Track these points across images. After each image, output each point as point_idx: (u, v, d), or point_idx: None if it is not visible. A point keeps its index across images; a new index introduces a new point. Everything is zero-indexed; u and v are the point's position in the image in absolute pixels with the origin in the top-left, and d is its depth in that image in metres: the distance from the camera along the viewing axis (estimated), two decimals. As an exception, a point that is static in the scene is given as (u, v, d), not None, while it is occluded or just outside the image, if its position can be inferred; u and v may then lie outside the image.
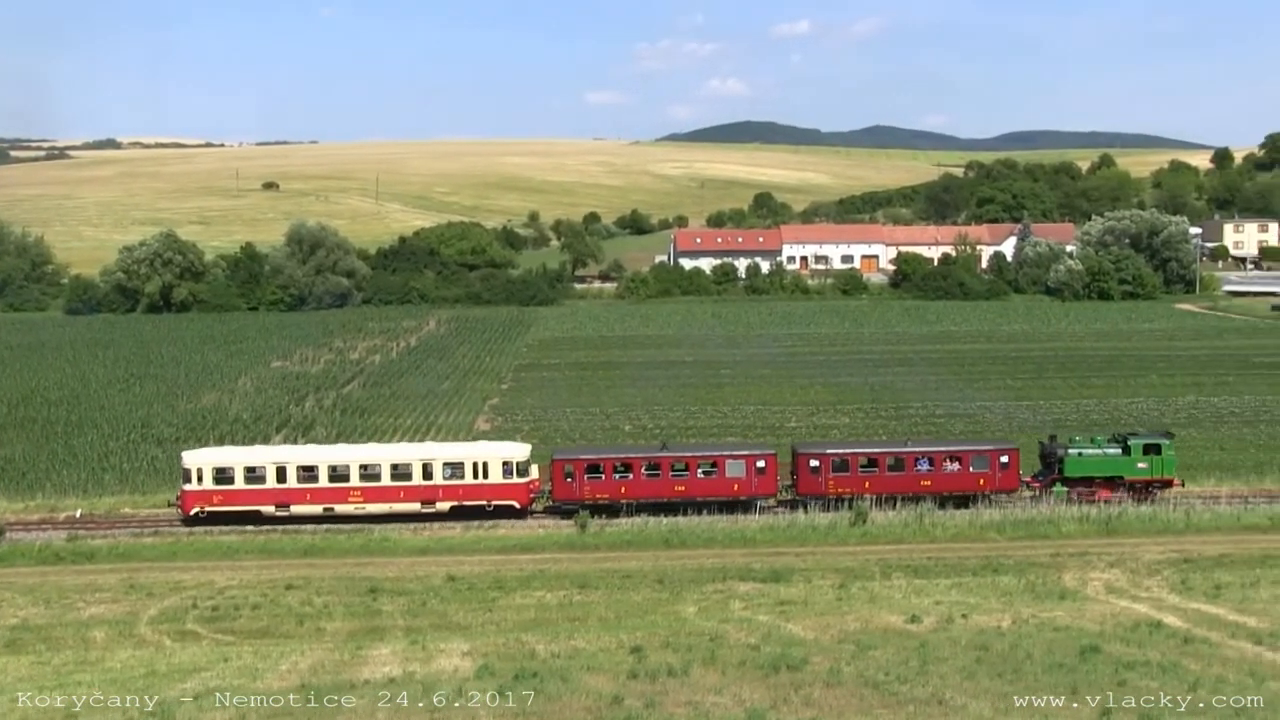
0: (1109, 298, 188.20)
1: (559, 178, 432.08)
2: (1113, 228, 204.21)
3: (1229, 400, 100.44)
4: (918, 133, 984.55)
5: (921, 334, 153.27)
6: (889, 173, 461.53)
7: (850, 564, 55.56)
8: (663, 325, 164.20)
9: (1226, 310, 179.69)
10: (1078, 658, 39.65)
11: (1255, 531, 61.28)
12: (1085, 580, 51.82)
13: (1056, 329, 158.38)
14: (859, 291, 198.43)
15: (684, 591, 50.80)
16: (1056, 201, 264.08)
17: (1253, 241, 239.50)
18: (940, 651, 40.53)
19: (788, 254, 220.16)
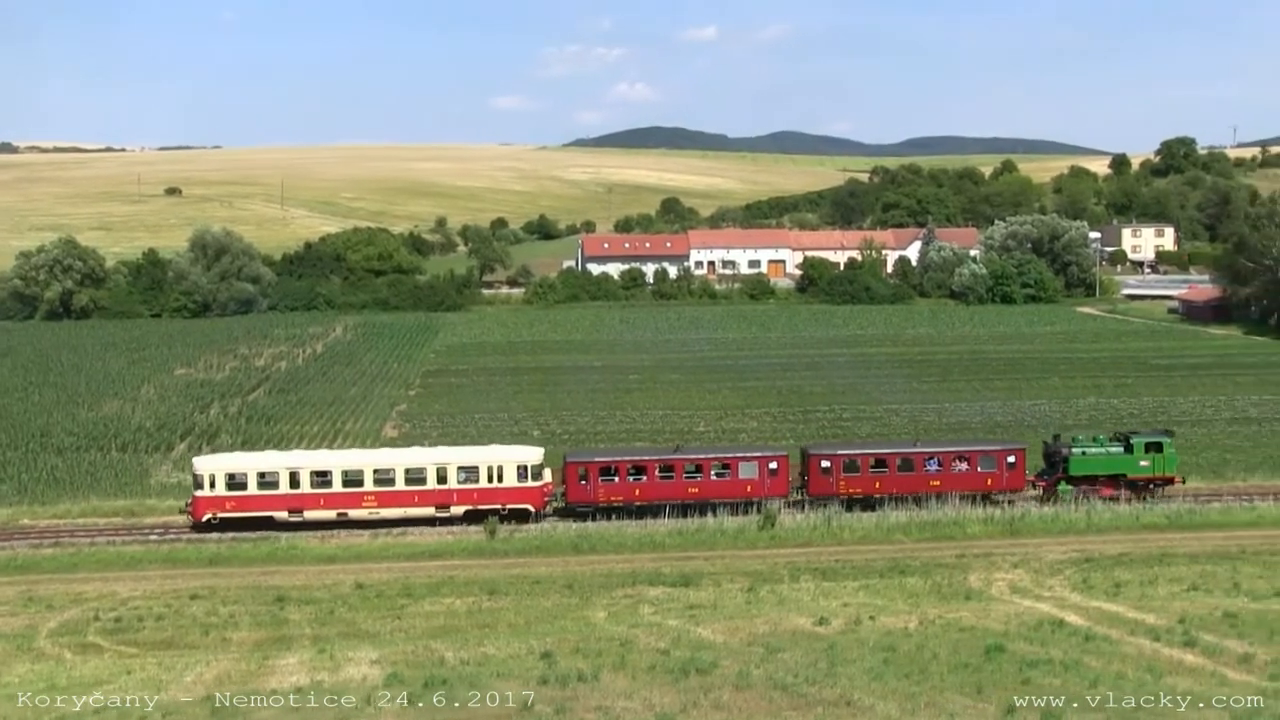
0: (1012, 301, 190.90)
1: (467, 183, 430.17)
2: (1015, 232, 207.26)
3: (1128, 402, 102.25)
4: (823, 138, 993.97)
5: (828, 337, 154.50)
6: (795, 178, 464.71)
7: (759, 567, 55.86)
8: (571, 330, 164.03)
9: (1125, 313, 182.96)
10: (983, 657, 40.20)
11: (1154, 530, 62.47)
12: (990, 580, 52.51)
13: (961, 332, 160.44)
14: (766, 296, 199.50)
15: (594, 597, 50.81)
16: (960, 206, 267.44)
17: (1150, 246, 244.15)
18: (848, 653, 40.90)
19: (695, 259, 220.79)
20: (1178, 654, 40.69)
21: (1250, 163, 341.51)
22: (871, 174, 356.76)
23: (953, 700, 36.15)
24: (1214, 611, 45.95)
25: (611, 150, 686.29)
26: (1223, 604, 47.23)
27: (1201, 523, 63.50)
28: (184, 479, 78.61)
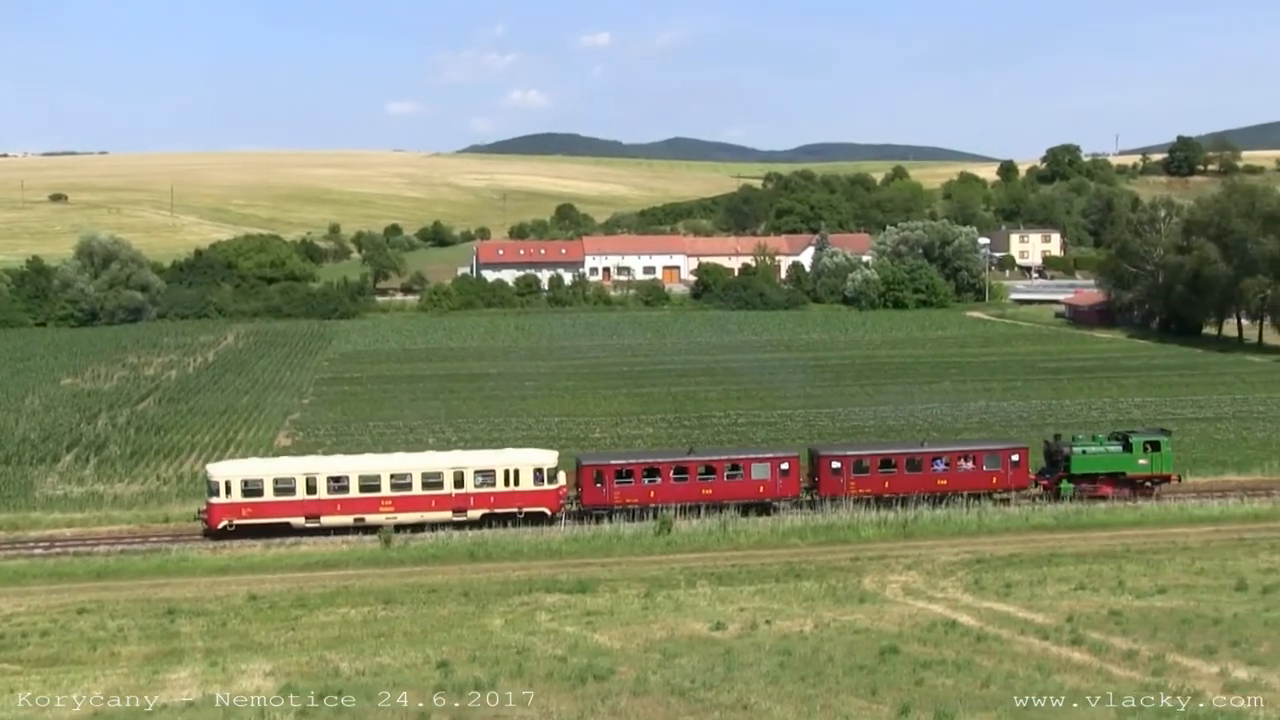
0: (904, 306, 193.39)
1: (359, 189, 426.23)
2: (906, 238, 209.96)
3: (1017, 405, 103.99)
4: (718, 145, 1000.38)
5: (723, 343, 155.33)
6: (690, 184, 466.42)
7: (656, 573, 55.96)
8: (466, 337, 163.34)
9: (1014, 318, 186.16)
10: (877, 659, 40.61)
11: (1043, 531, 63.56)
12: (884, 583, 53.06)
13: (854, 337, 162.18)
14: (661, 302, 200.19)
15: (490, 604, 50.56)
16: (852, 212, 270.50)
17: (1037, 251, 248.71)
18: (745, 657, 41.11)
19: (590, 265, 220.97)
20: (1066, 652, 41.42)
21: (1132, 170, 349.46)
22: (765, 180, 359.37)
23: (848, 702, 36.48)
24: (1100, 610, 46.86)
25: (506, 157, 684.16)
26: (1108, 602, 48.18)
27: (1088, 523, 64.76)
28: (71, 491, 77.15)
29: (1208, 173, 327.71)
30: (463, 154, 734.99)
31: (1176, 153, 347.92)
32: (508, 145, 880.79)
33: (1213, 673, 38.57)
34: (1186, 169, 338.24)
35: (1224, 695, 36.53)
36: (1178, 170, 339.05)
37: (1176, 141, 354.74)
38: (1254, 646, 41.39)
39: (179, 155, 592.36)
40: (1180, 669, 39.10)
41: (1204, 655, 40.44)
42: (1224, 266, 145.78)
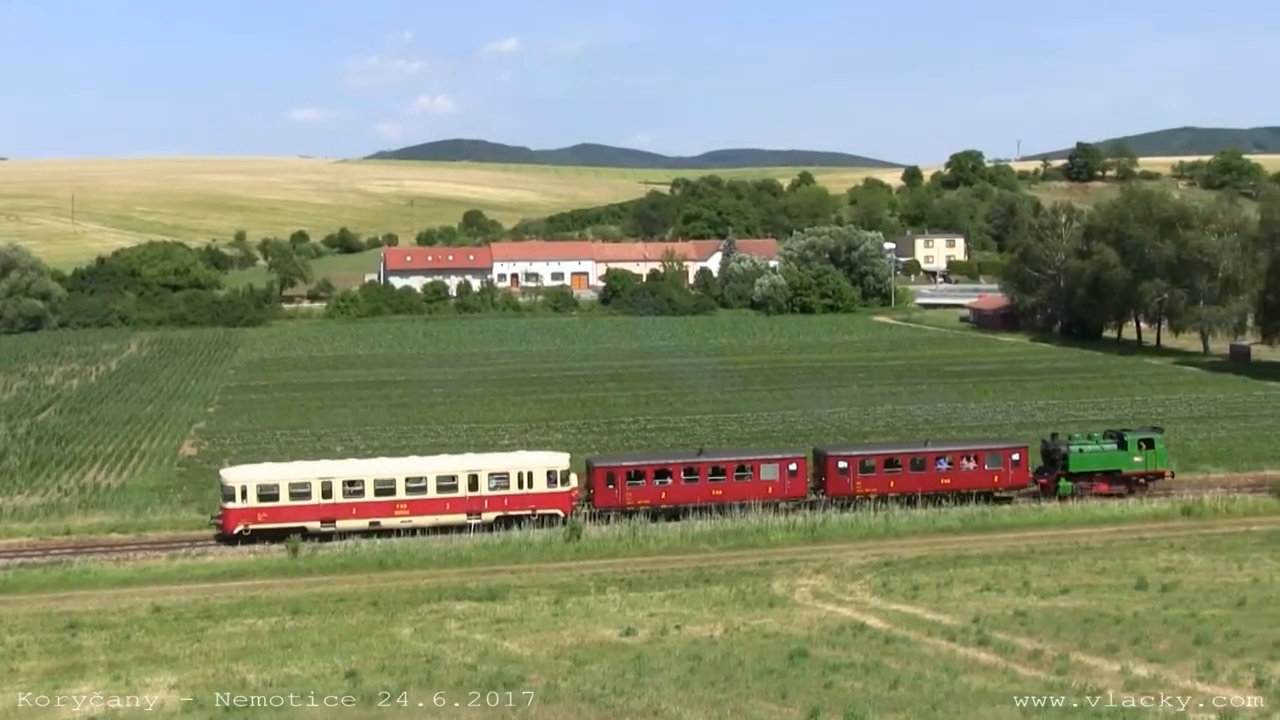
0: (811, 311, 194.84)
1: (265, 196, 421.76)
2: (813, 243, 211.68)
3: (923, 408, 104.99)
4: (625, 151, 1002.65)
5: (631, 349, 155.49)
6: (597, 190, 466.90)
7: (566, 580, 55.82)
8: (374, 345, 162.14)
9: (920, 322, 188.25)
10: (787, 662, 40.87)
11: (949, 533, 64.22)
12: (793, 587, 53.34)
13: (761, 342, 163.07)
14: (569, 308, 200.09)
15: (399, 613, 50.12)
16: (760, 218, 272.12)
17: (941, 256, 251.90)
18: (655, 663, 41.18)
19: (499, 271, 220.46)
20: (972, 653, 41.95)
21: (1034, 175, 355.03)
22: (673, 186, 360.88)
23: (758, 706, 36.67)
24: (1005, 610, 47.51)
25: (413, 163, 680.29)
26: (1014, 603, 48.86)
27: (993, 524, 65.51)
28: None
29: (1106, 178, 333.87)
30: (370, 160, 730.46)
31: (1076, 159, 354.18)
32: (415, 151, 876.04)
33: (1114, 671, 39.28)
34: (1086, 175, 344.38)
35: (1125, 693, 37.24)
36: (1078, 176, 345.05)
37: (1076, 148, 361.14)
38: (1154, 644, 42.23)
39: (80, 162, 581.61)
40: (1083, 667, 39.77)
41: (1106, 653, 41.17)
42: (1123, 271, 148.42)
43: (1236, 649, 41.49)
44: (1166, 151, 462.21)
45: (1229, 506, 67.89)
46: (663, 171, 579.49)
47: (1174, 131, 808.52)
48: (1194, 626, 44.37)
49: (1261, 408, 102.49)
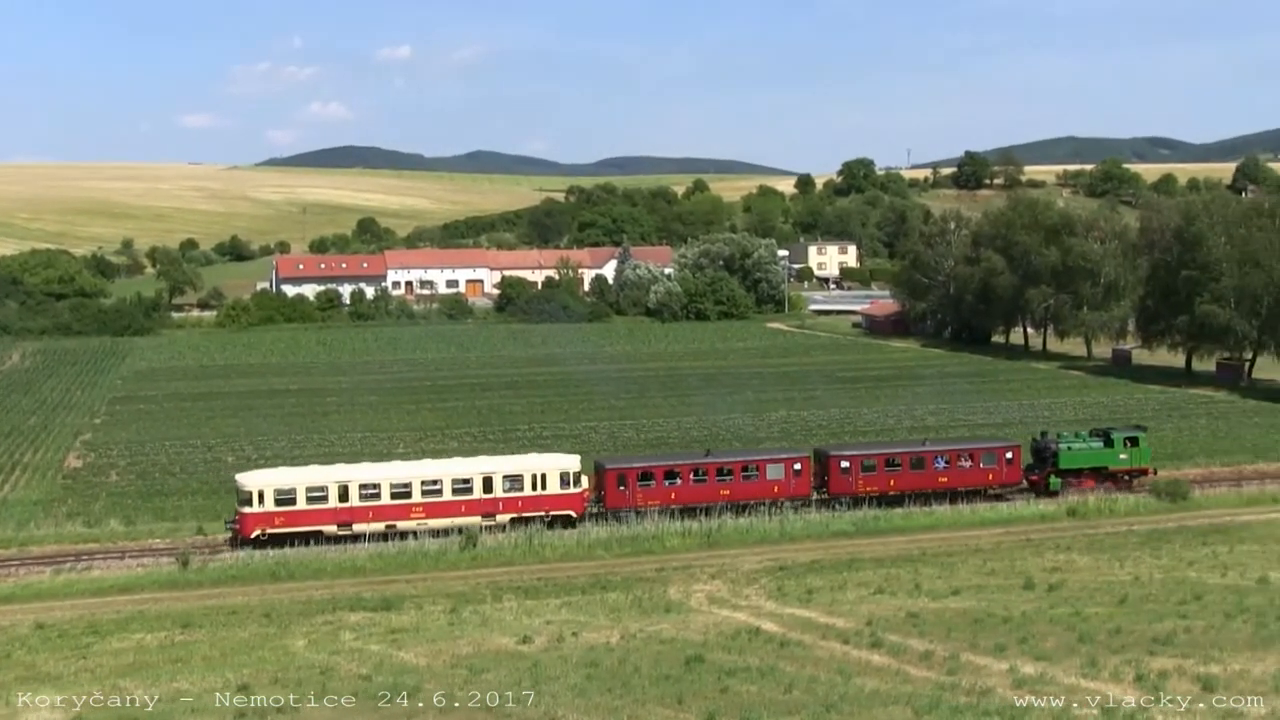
0: (706, 318, 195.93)
1: (153, 203, 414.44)
2: (707, 250, 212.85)
3: (816, 413, 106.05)
4: (520, 158, 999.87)
5: (527, 356, 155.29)
6: (492, 197, 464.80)
7: (462, 588, 55.59)
8: (266, 353, 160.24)
9: (813, 328, 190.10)
10: (683, 668, 41.10)
11: (842, 537, 64.93)
12: (689, 592, 53.60)
13: (657, 349, 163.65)
14: (464, 316, 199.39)
15: (293, 625, 49.56)
16: (654, 225, 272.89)
17: (834, 263, 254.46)
18: (552, 670, 41.19)
19: (393, 279, 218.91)
20: (866, 655, 42.48)
21: (924, 183, 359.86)
22: (568, 193, 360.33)
23: (654, 712, 36.83)
24: (898, 612, 48.17)
25: (305, 170, 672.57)
26: (906, 605, 49.55)
27: (886, 528, 66.36)
28: None
29: (994, 186, 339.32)
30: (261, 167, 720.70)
31: (965, 167, 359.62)
32: (307, 158, 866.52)
33: (1003, 669, 40.02)
34: (974, 183, 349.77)
35: (1013, 691, 37.96)
36: (966, 184, 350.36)
37: (965, 156, 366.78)
38: (1040, 642, 43.10)
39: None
40: (973, 667, 40.46)
41: (995, 653, 41.92)
42: (1010, 277, 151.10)
43: (1118, 645, 42.53)
44: (1051, 160, 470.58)
45: (1111, 507, 69.55)
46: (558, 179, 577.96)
47: (1058, 141, 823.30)
48: (1078, 624, 45.37)
49: (1142, 410, 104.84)
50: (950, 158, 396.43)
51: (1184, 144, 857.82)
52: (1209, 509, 69.71)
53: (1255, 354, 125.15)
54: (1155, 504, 70.29)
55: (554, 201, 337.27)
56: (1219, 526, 65.04)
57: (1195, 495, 71.85)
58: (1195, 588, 51.34)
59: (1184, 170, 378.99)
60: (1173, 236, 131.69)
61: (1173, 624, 45.20)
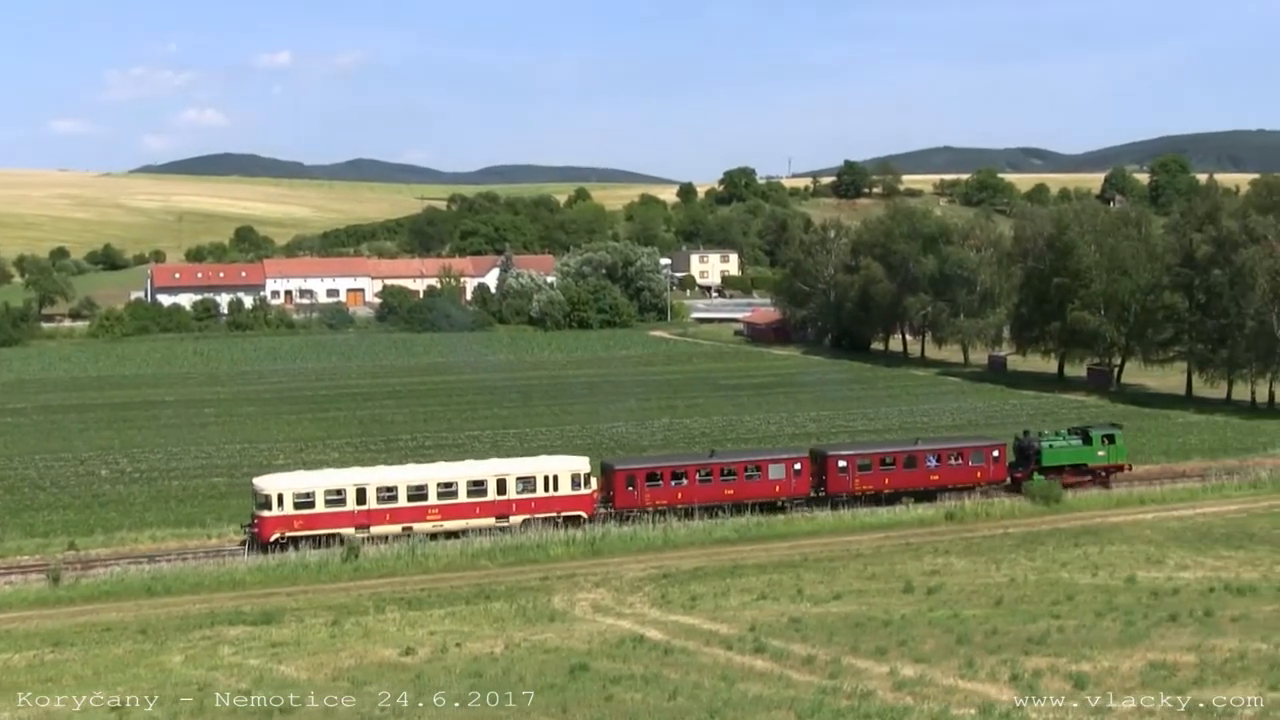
0: (589, 326, 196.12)
1: (21, 210, 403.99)
2: (590, 259, 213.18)
3: (699, 421, 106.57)
4: (401, 166, 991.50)
5: (409, 366, 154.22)
6: (373, 206, 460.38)
7: (343, 600, 54.97)
8: (141, 364, 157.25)
9: (696, 336, 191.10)
10: (568, 676, 41.08)
11: (725, 544, 65.30)
12: (574, 601, 53.56)
13: (540, 358, 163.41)
14: (345, 325, 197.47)
15: (169, 641, 48.58)
16: (537, 234, 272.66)
17: (716, 271, 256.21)
18: (435, 681, 40.93)
19: (272, 288, 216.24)
20: (749, 660, 42.79)
21: (804, 192, 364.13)
22: (450, 202, 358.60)
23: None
24: (780, 618, 48.58)
25: (181, 177, 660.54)
26: (788, 610, 49.99)
27: (768, 534, 66.90)
28: None
29: (873, 195, 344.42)
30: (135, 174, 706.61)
31: (844, 176, 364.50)
32: (183, 165, 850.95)
33: (883, 672, 40.56)
34: (854, 192, 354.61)
35: (893, 693, 38.51)
36: (846, 193, 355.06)
37: (844, 166, 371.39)
38: (920, 645, 43.77)
39: None
40: (855, 670, 40.96)
41: (875, 656, 42.48)
42: (889, 285, 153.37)
43: (994, 646, 43.34)
44: (928, 170, 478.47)
45: (988, 510, 70.85)
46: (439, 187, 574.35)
47: (934, 151, 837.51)
48: (956, 626, 46.16)
49: (1017, 415, 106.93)
50: (830, 167, 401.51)
51: (1056, 155, 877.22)
52: (1080, 511, 71.35)
53: (1124, 359, 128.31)
54: (1030, 507, 71.74)
55: (436, 210, 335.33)
56: (1090, 528, 66.59)
57: (1067, 498, 73.48)
58: (1067, 588, 52.51)
59: (1056, 180, 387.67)
60: (1045, 245, 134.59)
61: (1046, 624, 46.18)
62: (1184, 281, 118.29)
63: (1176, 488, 76.62)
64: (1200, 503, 73.18)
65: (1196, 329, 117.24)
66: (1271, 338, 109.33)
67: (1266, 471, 79.37)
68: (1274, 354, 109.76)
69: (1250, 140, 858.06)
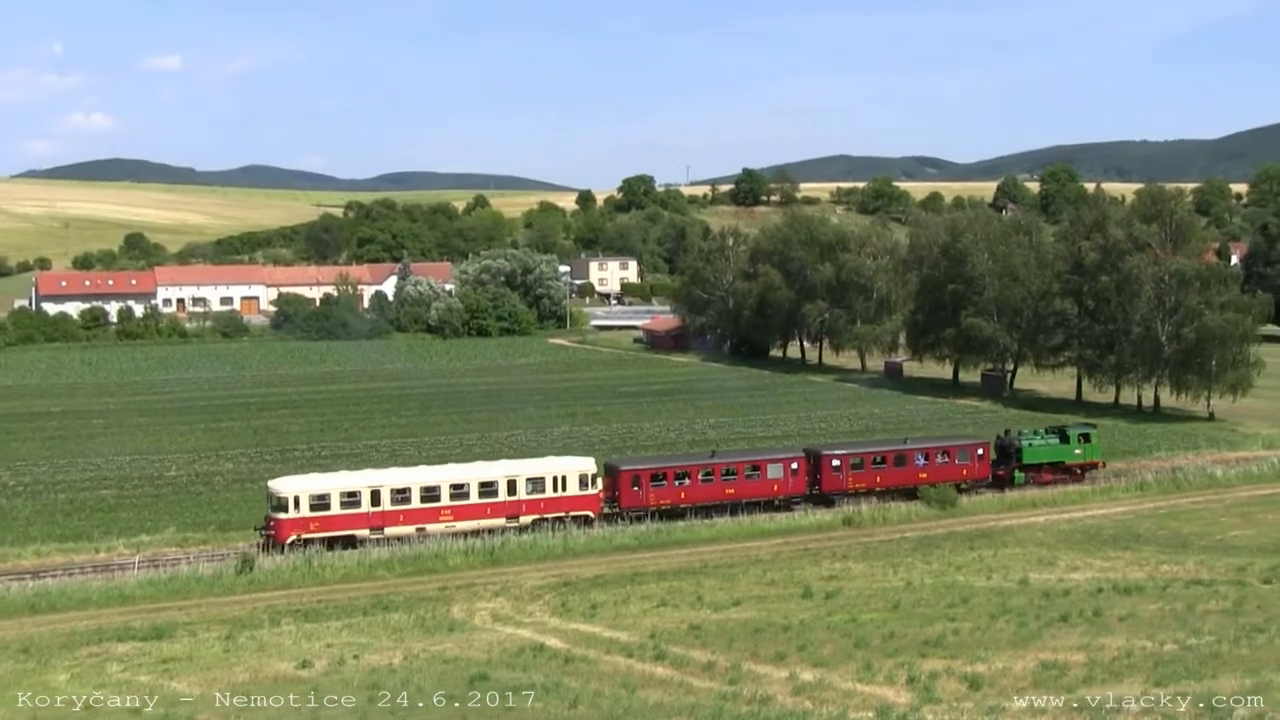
0: (487, 334, 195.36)
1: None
2: (489, 266, 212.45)
3: (599, 428, 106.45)
4: (297, 173, 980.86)
5: (305, 375, 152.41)
6: (268, 213, 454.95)
7: (238, 614, 54.04)
8: (25, 374, 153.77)
9: (595, 343, 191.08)
10: (467, 687, 40.75)
11: (625, 551, 65.25)
12: (473, 611, 53.17)
13: (438, 366, 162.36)
14: (240, 334, 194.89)
15: (54, 659, 47.32)
16: (435, 241, 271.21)
17: (615, 279, 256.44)
18: (332, 694, 40.39)
19: (164, 296, 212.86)
20: (650, 668, 42.75)
21: (703, 200, 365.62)
22: (346, 209, 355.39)
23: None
24: (681, 625, 48.61)
25: (67, 182, 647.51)
26: (688, 617, 50.04)
27: (668, 541, 66.93)
28: None
29: (771, 203, 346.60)
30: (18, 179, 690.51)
31: (743, 184, 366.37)
32: (69, 170, 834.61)
33: (783, 677, 40.74)
34: (752, 200, 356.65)
35: (792, 697, 38.68)
36: (744, 201, 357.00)
37: (743, 174, 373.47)
38: (819, 649, 44.02)
39: None
40: (754, 676, 41.09)
41: (775, 661, 42.65)
42: (787, 292, 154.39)
43: (892, 649, 43.73)
44: (825, 178, 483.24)
45: (885, 515, 71.47)
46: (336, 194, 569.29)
47: (831, 159, 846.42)
48: (854, 630, 46.51)
49: (913, 420, 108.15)
50: (728, 175, 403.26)
51: (950, 163, 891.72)
52: (975, 515, 72.32)
53: (1016, 365, 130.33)
54: (926, 511, 72.52)
55: (332, 217, 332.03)
56: (984, 531, 67.50)
57: (963, 502, 74.42)
58: (963, 591, 53.14)
59: (949, 189, 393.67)
60: (940, 253, 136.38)
61: (942, 627, 46.69)
62: (1073, 288, 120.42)
63: (1067, 490, 78.01)
64: (1089, 505, 74.61)
65: (1086, 335, 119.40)
66: (1156, 343, 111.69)
67: (1152, 474, 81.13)
68: (1159, 359, 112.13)
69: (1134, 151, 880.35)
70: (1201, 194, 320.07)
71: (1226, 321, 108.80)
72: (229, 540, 67.99)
